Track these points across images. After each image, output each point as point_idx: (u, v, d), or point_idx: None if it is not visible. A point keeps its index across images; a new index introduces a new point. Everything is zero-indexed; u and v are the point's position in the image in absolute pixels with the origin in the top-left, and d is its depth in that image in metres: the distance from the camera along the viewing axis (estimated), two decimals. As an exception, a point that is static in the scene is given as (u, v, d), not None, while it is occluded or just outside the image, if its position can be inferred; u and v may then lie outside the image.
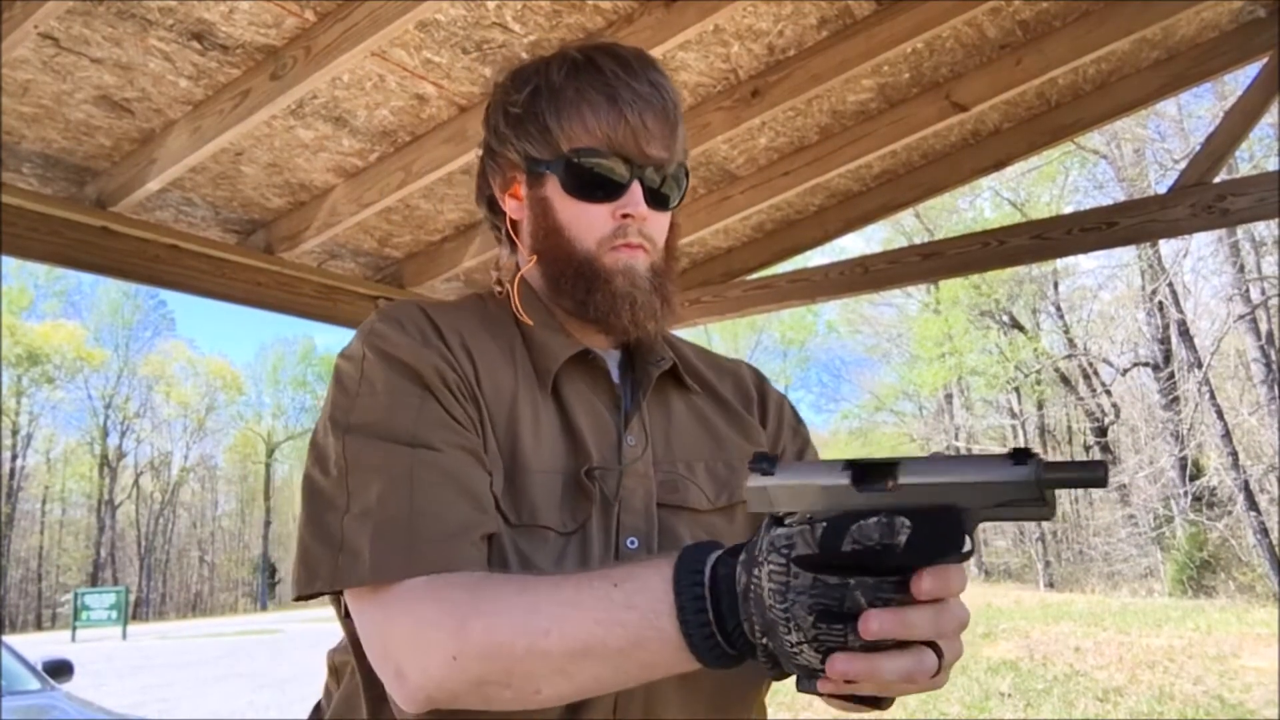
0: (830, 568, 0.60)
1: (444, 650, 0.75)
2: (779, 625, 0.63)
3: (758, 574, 0.65)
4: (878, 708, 0.67)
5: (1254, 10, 2.49)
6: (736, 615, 0.66)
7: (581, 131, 0.94)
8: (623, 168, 0.95)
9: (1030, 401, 26.46)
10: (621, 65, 0.95)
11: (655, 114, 0.95)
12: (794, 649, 0.62)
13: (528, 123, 0.97)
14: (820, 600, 0.60)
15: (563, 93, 0.95)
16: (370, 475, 0.83)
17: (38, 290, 38.73)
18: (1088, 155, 19.97)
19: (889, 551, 0.59)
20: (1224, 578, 16.96)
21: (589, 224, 0.95)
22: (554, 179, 0.96)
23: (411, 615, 0.78)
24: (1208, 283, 19.38)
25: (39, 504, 42.61)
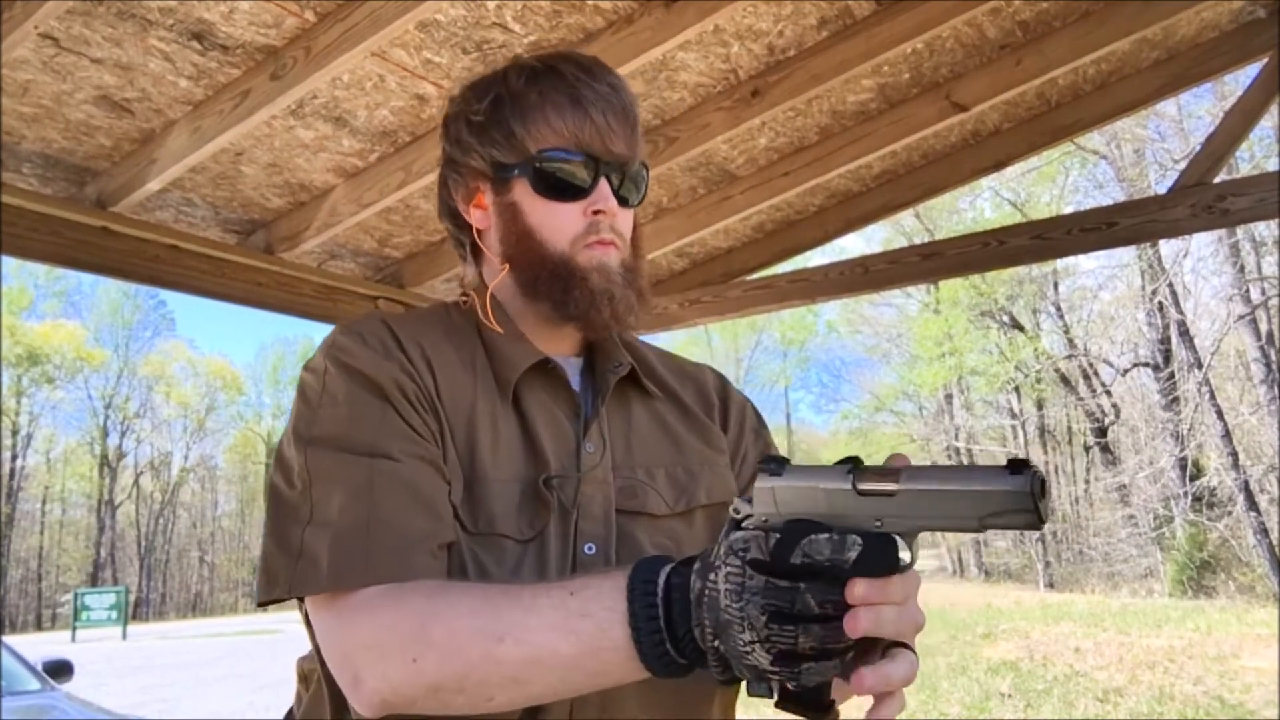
0: (779, 574, 0.65)
1: (403, 655, 0.77)
2: (733, 625, 0.65)
3: (714, 578, 0.68)
4: (823, 714, 0.69)
5: (1254, 10, 2.49)
6: (688, 621, 0.69)
7: (548, 132, 0.95)
8: (590, 165, 0.96)
9: (1030, 402, 26.46)
10: (581, 68, 0.98)
11: (617, 113, 0.97)
12: (746, 648, 0.65)
13: (492, 129, 0.98)
14: (772, 601, 0.64)
15: (525, 97, 0.97)
16: (332, 487, 0.85)
17: (38, 290, 38.74)
18: (1088, 155, 19.98)
19: (836, 568, 0.64)
20: (1224, 578, 16.95)
21: (561, 223, 0.97)
22: (522, 182, 0.97)
23: (371, 622, 0.80)
24: (1208, 283, 19.39)
25: (39, 504, 42.59)
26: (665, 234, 2.94)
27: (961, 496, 0.60)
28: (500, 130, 0.97)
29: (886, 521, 0.63)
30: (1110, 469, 22.30)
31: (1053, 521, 24.66)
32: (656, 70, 2.15)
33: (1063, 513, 25.59)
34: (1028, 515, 0.58)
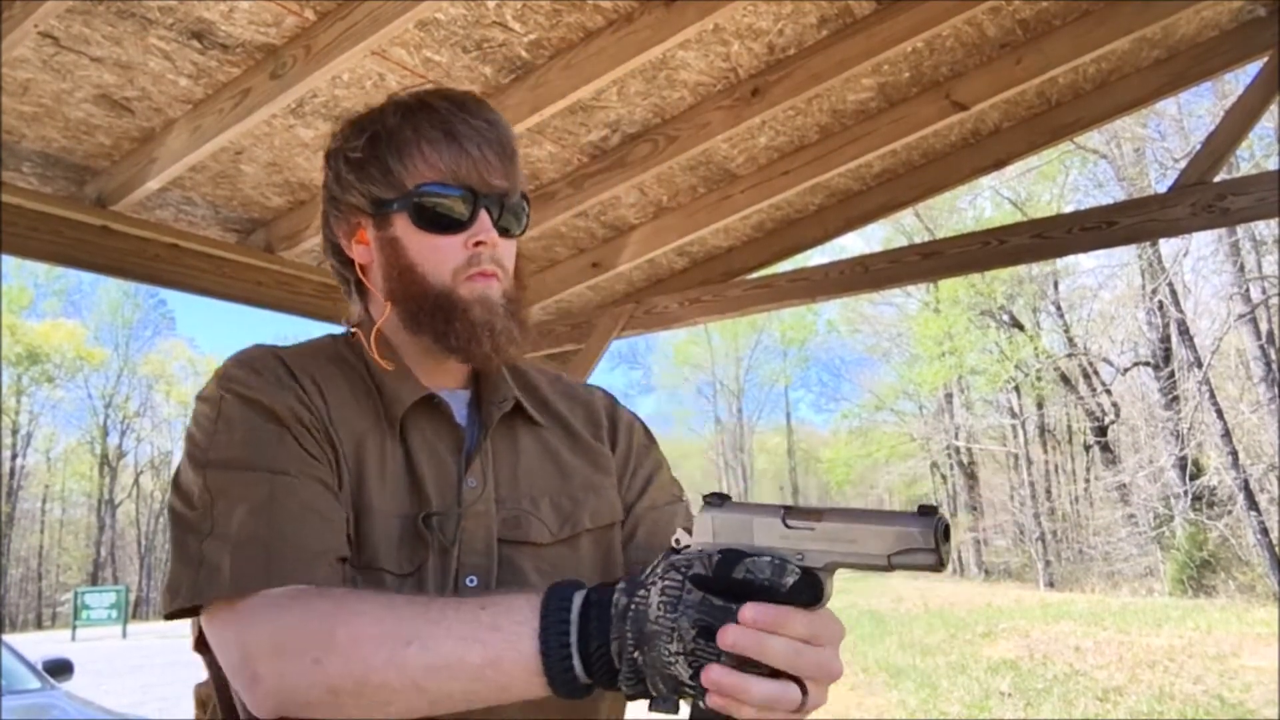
0: (718, 591, 0.68)
1: (304, 655, 0.77)
2: (661, 636, 0.68)
3: (644, 594, 0.71)
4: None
5: (1254, 9, 2.48)
6: (605, 635, 0.71)
7: (424, 167, 0.97)
8: (468, 198, 0.97)
9: (1030, 401, 26.46)
10: (455, 104, 1.00)
11: (492, 147, 0.98)
12: (670, 659, 0.68)
13: (369, 166, 0.99)
14: (704, 617, 0.68)
15: (400, 133, 0.98)
16: (232, 503, 0.86)
17: (38, 289, 38.73)
18: (1088, 155, 19.98)
19: (773, 589, 0.68)
20: (1224, 577, 16.96)
21: (441, 256, 0.97)
22: (402, 217, 0.98)
23: (274, 621, 0.80)
24: (1208, 282, 19.39)
25: (39, 503, 42.59)
26: (665, 233, 2.94)
27: (874, 535, 0.66)
28: (378, 167, 0.98)
29: (808, 556, 0.68)
30: (1110, 468, 22.31)
31: (1053, 520, 24.68)
32: (656, 69, 2.15)
33: (1062, 512, 25.59)
34: (929, 555, 0.64)
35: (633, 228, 2.99)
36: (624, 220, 2.96)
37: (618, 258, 3.04)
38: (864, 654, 12.30)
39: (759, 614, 0.66)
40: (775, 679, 0.68)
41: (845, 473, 35.99)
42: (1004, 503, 27.20)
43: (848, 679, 10.61)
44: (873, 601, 20.61)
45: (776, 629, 0.67)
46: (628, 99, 2.25)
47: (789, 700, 0.68)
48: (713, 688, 0.67)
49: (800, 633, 0.67)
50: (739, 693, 0.67)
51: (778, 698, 0.67)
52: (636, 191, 2.77)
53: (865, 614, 17.82)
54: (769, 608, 0.67)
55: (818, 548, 0.68)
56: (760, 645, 0.66)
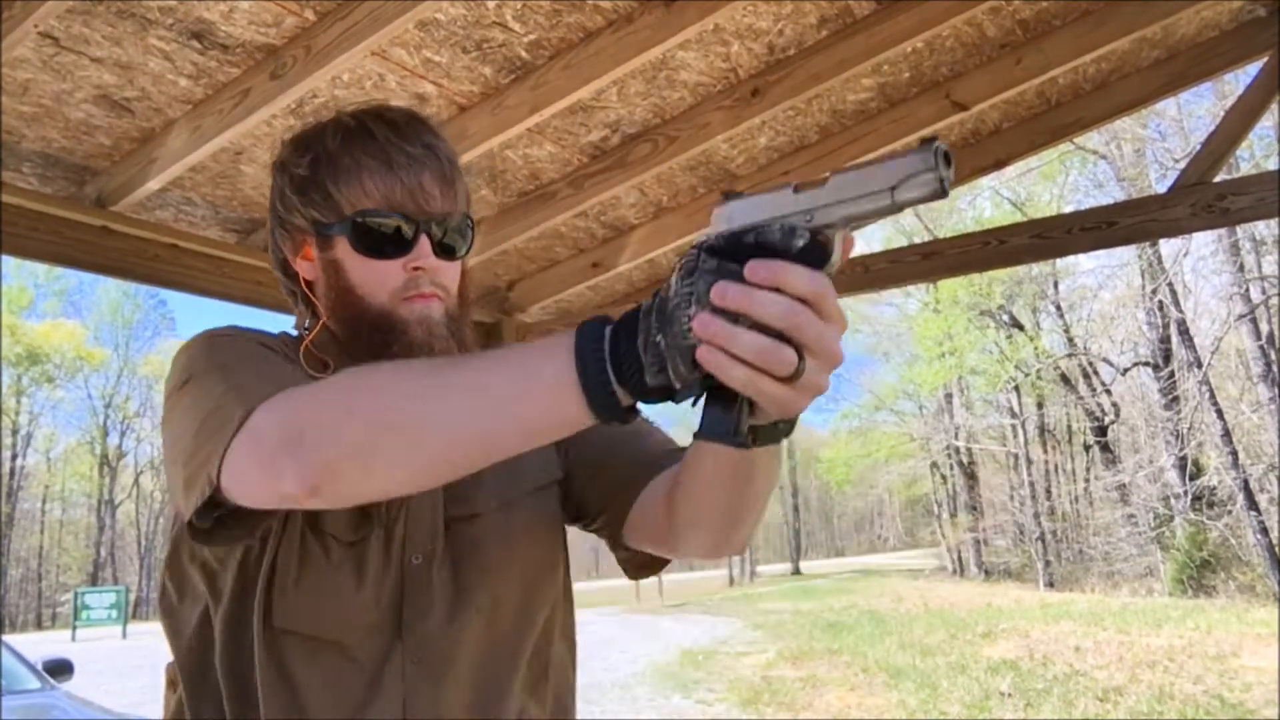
0: (731, 258, 0.67)
1: (339, 405, 0.77)
2: (680, 306, 0.67)
3: (666, 284, 0.70)
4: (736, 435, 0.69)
5: (1254, 10, 2.48)
6: (634, 333, 0.69)
7: (361, 195, 0.99)
8: (406, 224, 1.00)
9: (1030, 401, 26.47)
10: (393, 130, 1.01)
11: (430, 173, 1.01)
12: (687, 328, 0.66)
13: (310, 189, 1.02)
14: (719, 278, 0.66)
15: (339, 159, 1.00)
16: (228, 376, 0.89)
17: (38, 289, 38.73)
18: (1087, 155, 19.98)
19: (783, 251, 0.66)
20: (1224, 577, 16.96)
21: (380, 280, 1.00)
22: (343, 240, 1.01)
23: (302, 395, 0.80)
24: (1208, 282, 19.40)
25: (39, 503, 42.59)
26: (665, 233, 2.94)
27: (876, 172, 0.64)
28: (319, 191, 1.01)
29: (817, 215, 0.66)
30: (1110, 468, 22.31)
31: (1052, 520, 24.67)
32: (656, 69, 2.15)
33: (1062, 512, 25.59)
34: (931, 178, 0.62)
35: (633, 228, 2.99)
36: (624, 220, 2.96)
37: (618, 258, 3.04)
38: (864, 654, 12.30)
39: (758, 267, 0.64)
40: (765, 333, 0.65)
41: (845, 473, 36.00)
42: (1004, 503, 27.20)
43: (847, 679, 10.62)
44: (873, 602, 20.62)
45: (778, 284, 0.64)
46: (628, 99, 2.25)
47: (780, 360, 0.64)
48: (700, 331, 0.65)
49: (801, 289, 0.64)
50: (725, 340, 0.64)
51: (767, 352, 0.64)
52: (636, 192, 2.77)
53: (865, 614, 17.82)
54: (770, 262, 0.64)
55: (826, 202, 0.66)
56: (750, 297, 0.64)
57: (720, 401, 0.69)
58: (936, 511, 33.58)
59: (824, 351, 0.66)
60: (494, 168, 2.48)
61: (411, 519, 0.99)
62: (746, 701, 9.61)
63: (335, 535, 0.96)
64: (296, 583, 0.95)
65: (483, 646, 1.01)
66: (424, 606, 0.98)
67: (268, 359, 0.95)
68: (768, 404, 0.67)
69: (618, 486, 1.07)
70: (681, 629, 16.92)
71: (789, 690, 10.13)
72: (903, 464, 32.58)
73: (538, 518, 1.08)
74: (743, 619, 18.89)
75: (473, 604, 1.00)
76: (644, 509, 1.04)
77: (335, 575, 0.95)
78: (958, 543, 30.05)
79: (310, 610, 0.95)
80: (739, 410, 0.69)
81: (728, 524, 0.95)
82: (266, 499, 0.81)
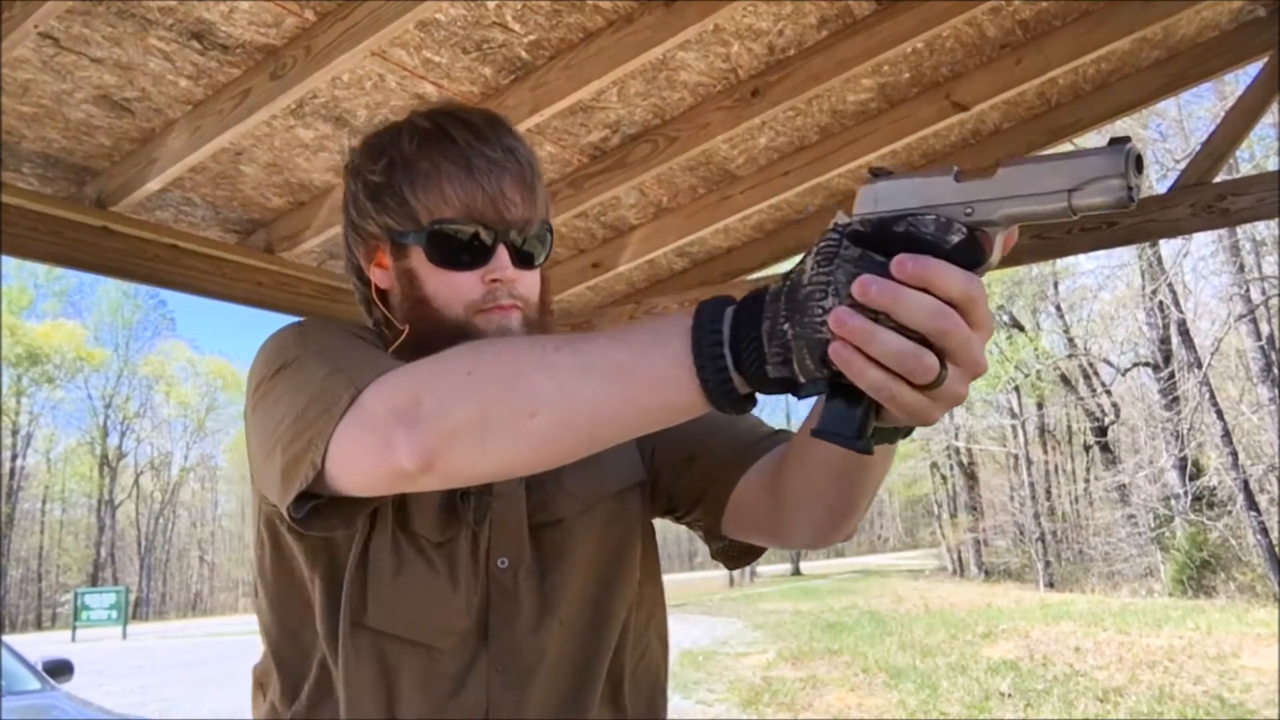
0: (877, 247, 0.60)
1: (460, 370, 0.74)
2: (814, 294, 0.61)
3: (799, 267, 0.64)
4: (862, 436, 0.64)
5: (1254, 10, 2.48)
6: (758, 320, 0.64)
7: (440, 203, 0.95)
8: (485, 234, 0.96)
9: (1030, 401, 26.47)
10: (473, 132, 0.97)
11: (512, 178, 0.96)
12: (820, 319, 0.60)
13: (385, 196, 0.97)
14: (862, 271, 0.60)
15: (417, 164, 0.96)
16: (334, 353, 0.88)
17: (38, 290, 38.75)
18: (1088, 155, 19.94)
19: (935, 247, 0.59)
20: (1224, 578, 16.96)
21: (457, 292, 0.96)
22: (418, 250, 0.97)
23: (422, 365, 0.78)
24: (1208, 283, 19.39)
25: (39, 504, 42.60)
26: (665, 234, 2.94)
27: (1053, 170, 0.57)
28: (394, 198, 0.97)
29: (978, 209, 0.60)
30: (1110, 468, 22.31)
31: (1052, 521, 24.68)
32: (656, 70, 2.15)
33: (1062, 512, 25.60)
34: (1119, 183, 0.56)
35: (633, 228, 2.99)
36: (624, 221, 2.96)
37: (618, 258, 3.04)
38: (864, 654, 12.31)
39: (908, 262, 0.58)
40: (909, 336, 0.58)
41: (845, 473, 35.92)
42: (1004, 503, 27.21)
43: (847, 680, 10.62)
44: (873, 602, 20.62)
45: (928, 284, 0.58)
46: (628, 100, 2.25)
47: (921, 366, 0.58)
48: (835, 327, 0.59)
49: (954, 292, 0.58)
50: (864, 340, 0.58)
51: (907, 356, 0.58)
52: (636, 192, 2.77)
53: (865, 614, 17.82)
54: (921, 258, 0.58)
55: (991, 196, 0.59)
56: (896, 296, 0.57)
57: (845, 399, 0.63)
58: (936, 512, 33.60)
59: (968, 360, 0.60)
60: (494, 168, 2.48)
61: (496, 523, 0.97)
62: (747, 702, 9.61)
63: (426, 535, 0.93)
64: (393, 582, 0.92)
65: (564, 654, 0.98)
66: (510, 614, 0.96)
67: (364, 345, 0.92)
68: (899, 410, 0.61)
69: (713, 477, 1.02)
70: (682, 629, 16.94)
71: (789, 691, 10.13)
72: (903, 464, 32.55)
73: (620, 522, 1.05)
74: (743, 619, 18.89)
75: (557, 613, 0.98)
76: (743, 499, 1.00)
77: (432, 577, 0.93)
78: (958, 543, 30.06)
79: (406, 611, 0.92)
80: (865, 412, 0.63)
81: (838, 515, 0.91)
82: (378, 479, 0.77)
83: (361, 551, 0.92)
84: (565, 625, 0.98)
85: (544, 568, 0.98)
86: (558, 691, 0.97)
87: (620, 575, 1.04)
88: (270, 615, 1.00)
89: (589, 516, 1.02)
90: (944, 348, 0.59)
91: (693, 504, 1.06)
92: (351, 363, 0.83)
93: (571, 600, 0.99)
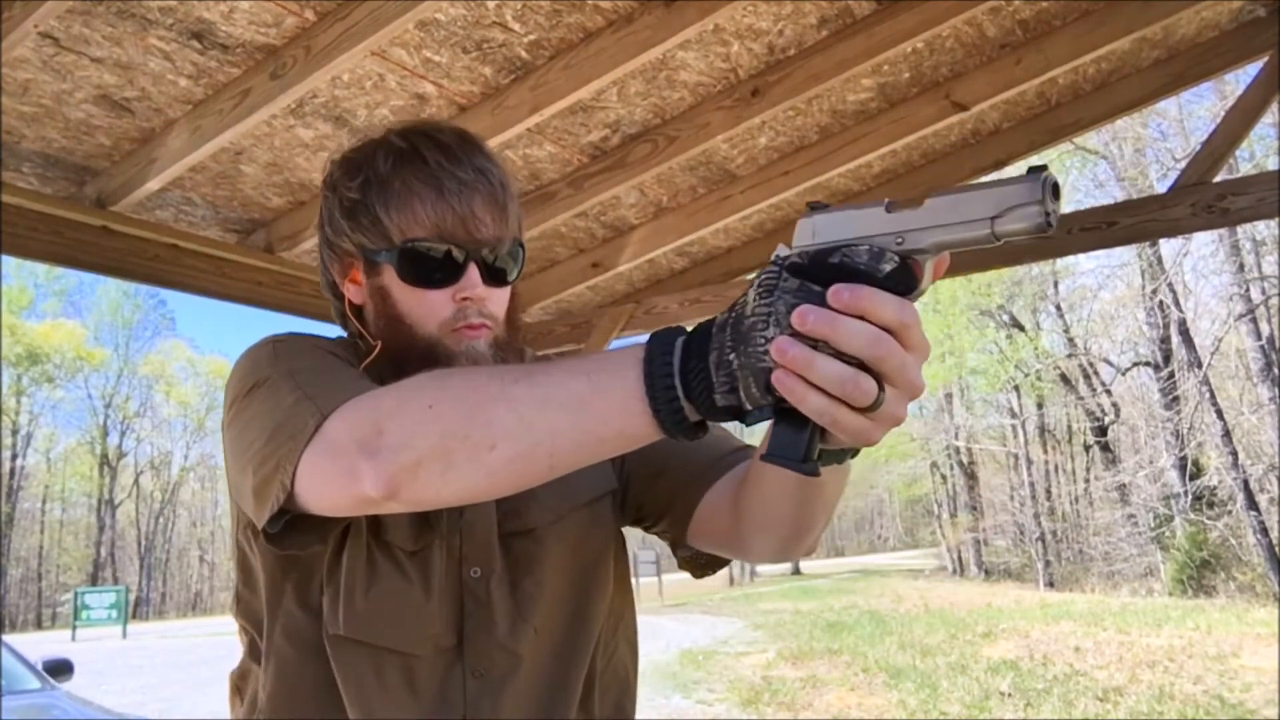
0: (814, 278, 0.64)
1: (421, 402, 0.76)
2: (757, 325, 0.64)
3: (743, 299, 0.67)
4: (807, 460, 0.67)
5: (1254, 10, 2.48)
6: (705, 350, 0.67)
7: (412, 222, 0.97)
8: (456, 253, 0.98)
9: (1030, 401, 26.46)
10: (445, 153, 0.99)
11: (482, 199, 0.98)
12: (763, 349, 0.64)
13: (360, 214, 1.00)
14: (801, 301, 0.63)
15: (390, 184, 0.98)
16: (303, 374, 0.89)
17: (38, 289, 38.74)
18: (1088, 155, 19.97)
19: (869, 275, 0.63)
20: (1224, 577, 16.96)
21: (429, 309, 0.98)
22: (390, 268, 0.99)
23: (385, 393, 0.80)
24: (1208, 282, 19.39)
25: (39, 503, 42.59)
26: (665, 233, 2.94)
27: (976, 200, 0.61)
28: (367, 216, 0.99)
29: (908, 238, 0.63)
30: (1110, 468, 22.31)
31: (1052, 520, 24.67)
32: (656, 69, 2.15)
33: (1062, 512, 25.60)
34: (1036, 210, 0.59)
35: (633, 228, 2.99)
36: (624, 220, 2.96)
37: (618, 258, 3.04)
38: (864, 654, 12.30)
39: (844, 292, 0.61)
40: (846, 362, 0.62)
41: (845, 473, 35.90)
42: (1004, 503, 27.21)
43: (847, 679, 10.62)
44: (873, 602, 20.62)
45: (863, 312, 0.61)
46: (628, 99, 2.25)
47: (859, 390, 0.61)
48: (777, 356, 0.62)
49: (889, 319, 0.61)
50: (804, 368, 0.61)
51: (846, 381, 0.61)
52: (636, 192, 2.77)
53: (865, 614, 17.82)
54: (857, 287, 0.61)
55: (919, 226, 0.63)
56: (833, 325, 0.61)
57: (790, 424, 0.66)
58: (936, 511, 33.60)
59: (906, 383, 0.64)
60: (494, 168, 2.48)
61: (467, 532, 0.99)
62: (747, 701, 9.61)
63: (400, 545, 0.95)
64: (367, 592, 0.94)
65: (541, 660, 1.00)
66: (484, 621, 0.98)
67: (335, 365, 0.94)
68: (841, 432, 0.64)
69: (680, 490, 1.05)
70: (682, 629, 16.93)
71: (789, 690, 10.12)
72: (903, 464, 32.57)
73: (593, 530, 1.07)
74: (743, 619, 18.89)
75: (531, 621, 1.00)
76: (708, 513, 1.03)
77: (406, 586, 0.95)
78: (958, 543, 30.06)
79: (380, 621, 0.94)
80: (810, 436, 0.66)
81: (795, 533, 0.94)
82: (343, 504, 0.81)
83: (335, 561, 0.95)
84: (541, 633, 1.00)
85: (515, 576, 1.00)
86: (535, 696, 0.99)
87: (595, 583, 1.06)
88: (248, 619, 1.02)
89: (561, 526, 1.04)
90: (881, 372, 0.62)
91: (660, 515, 1.09)
92: (320, 386, 0.86)
93: (546, 608, 1.01)
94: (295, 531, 0.85)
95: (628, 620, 1.13)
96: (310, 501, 0.81)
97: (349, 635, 0.94)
